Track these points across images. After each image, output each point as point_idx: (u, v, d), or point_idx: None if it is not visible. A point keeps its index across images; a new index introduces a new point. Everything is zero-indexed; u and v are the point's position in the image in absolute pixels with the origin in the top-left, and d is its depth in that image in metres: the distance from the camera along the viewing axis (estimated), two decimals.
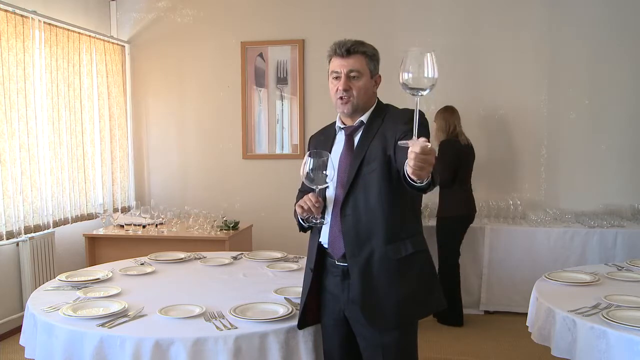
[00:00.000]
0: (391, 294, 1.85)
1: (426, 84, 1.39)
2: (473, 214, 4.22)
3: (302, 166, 1.82)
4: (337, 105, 1.94)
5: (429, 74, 1.37)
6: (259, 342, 1.90)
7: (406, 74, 1.38)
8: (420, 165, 1.43)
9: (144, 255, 3.06)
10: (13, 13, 3.95)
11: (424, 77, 1.38)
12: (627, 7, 4.61)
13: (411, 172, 1.46)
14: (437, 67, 1.38)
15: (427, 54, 1.38)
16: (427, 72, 1.37)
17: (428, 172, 1.46)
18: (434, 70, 1.38)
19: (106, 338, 1.88)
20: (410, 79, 1.38)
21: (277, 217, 5.04)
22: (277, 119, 5.22)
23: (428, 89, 1.39)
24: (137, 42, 5.43)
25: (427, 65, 1.38)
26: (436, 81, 1.39)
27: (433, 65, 1.38)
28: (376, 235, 1.86)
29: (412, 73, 1.38)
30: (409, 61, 1.38)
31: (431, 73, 1.37)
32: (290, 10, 5.12)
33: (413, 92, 1.39)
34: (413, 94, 1.40)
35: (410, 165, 1.44)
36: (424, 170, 1.45)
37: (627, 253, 4.07)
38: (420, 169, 1.44)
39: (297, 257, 2.98)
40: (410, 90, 1.39)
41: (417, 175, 1.47)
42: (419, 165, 1.43)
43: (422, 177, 1.48)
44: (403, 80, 1.38)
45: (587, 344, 1.99)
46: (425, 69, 1.38)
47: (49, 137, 4.32)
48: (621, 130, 4.68)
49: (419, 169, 1.44)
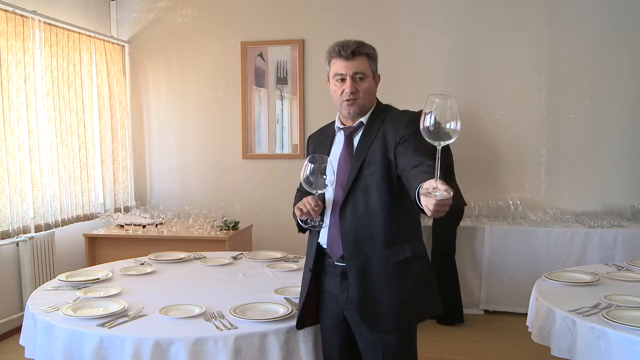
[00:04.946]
0: (389, 297, 1.85)
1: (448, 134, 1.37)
2: (464, 206, 4.24)
3: (302, 170, 1.82)
4: (343, 107, 1.93)
5: (451, 126, 1.36)
6: (259, 342, 1.90)
7: (428, 121, 1.35)
8: (439, 210, 1.42)
9: (144, 255, 3.06)
10: (13, 13, 3.95)
11: (447, 128, 1.35)
12: (627, 7, 4.61)
13: (430, 215, 1.45)
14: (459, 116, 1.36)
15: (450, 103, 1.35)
16: (450, 124, 1.35)
17: (445, 212, 1.44)
18: (457, 122, 1.35)
19: (106, 338, 1.88)
20: (432, 127, 1.36)
21: (277, 217, 5.04)
22: (277, 119, 5.22)
23: (452, 139, 1.37)
24: (137, 42, 5.43)
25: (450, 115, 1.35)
26: (458, 132, 1.36)
27: (456, 115, 1.35)
28: (375, 238, 1.86)
29: (434, 124, 1.35)
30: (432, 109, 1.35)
31: (454, 125, 1.35)
32: (290, 10, 5.12)
33: (434, 142, 1.38)
34: (435, 144, 1.38)
35: (429, 209, 1.42)
36: (441, 213, 1.43)
37: (627, 253, 4.07)
38: (438, 212, 1.42)
39: (297, 257, 2.98)
40: (431, 140, 1.37)
41: (436, 216, 1.45)
42: (438, 210, 1.41)
43: (441, 216, 1.47)
44: (424, 127, 1.36)
45: (587, 344, 1.99)
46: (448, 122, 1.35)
47: (49, 137, 4.32)
48: (621, 130, 4.68)
49: (437, 212, 1.42)
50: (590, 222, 4.33)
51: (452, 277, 4.16)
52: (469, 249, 4.44)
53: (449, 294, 4.08)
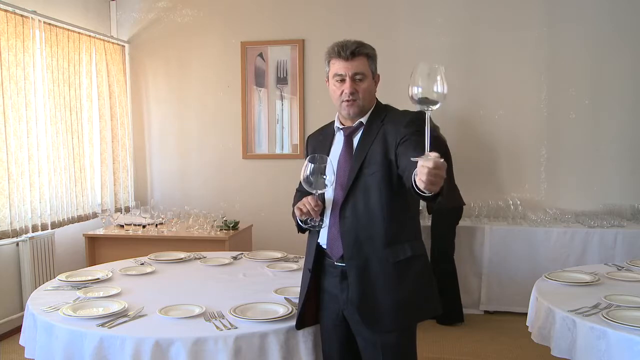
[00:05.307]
0: (388, 296, 1.85)
1: (436, 98, 1.38)
2: (463, 205, 4.24)
3: (302, 170, 1.83)
4: (342, 107, 1.93)
5: (438, 89, 1.37)
6: (259, 342, 1.90)
7: (415, 88, 1.38)
8: (432, 180, 1.43)
9: (144, 255, 3.06)
10: (13, 13, 3.95)
11: (434, 91, 1.37)
12: (627, 7, 4.61)
13: (423, 187, 1.46)
14: (447, 82, 1.38)
15: (437, 69, 1.37)
16: (436, 87, 1.37)
17: (440, 185, 1.46)
18: (444, 86, 1.37)
19: (106, 338, 1.88)
20: (419, 93, 1.37)
21: (277, 217, 5.04)
22: (277, 119, 5.22)
23: (439, 104, 1.39)
24: (137, 42, 5.43)
25: (437, 80, 1.37)
26: (446, 96, 1.38)
27: (442, 80, 1.37)
28: (375, 238, 1.86)
29: (421, 87, 1.37)
30: (418, 76, 1.37)
31: (440, 88, 1.37)
32: (290, 10, 5.12)
33: (423, 107, 1.39)
34: (423, 109, 1.40)
35: (422, 180, 1.44)
36: (435, 185, 1.44)
37: (627, 253, 4.07)
38: (432, 183, 1.43)
39: (297, 257, 2.98)
40: (420, 105, 1.39)
41: (429, 189, 1.46)
42: (431, 180, 1.42)
43: (434, 191, 1.48)
44: (412, 94, 1.38)
45: (587, 344, 1.99)
46: (434, 84, 1.37)
47: (49, 137, 4.32)
48: (621, 130, 4.68)
49: (430, 184, 1.43)
50: (590, 222, 4.33)
51: (451, 277, 4.16)
52: (468, 249, 4.44)
53: (449, 294, 4.08)
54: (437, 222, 4.18)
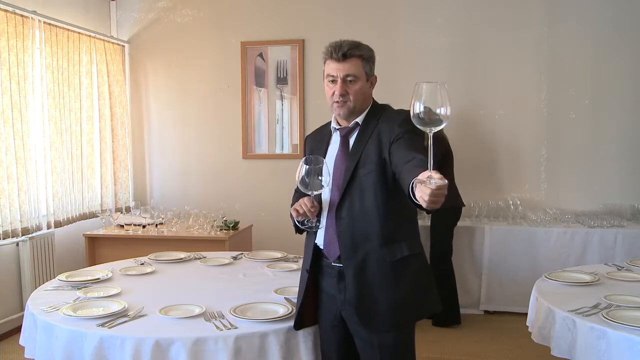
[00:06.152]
0: (386, 296, 1.85)
1: (439, 119, 1.35)
2: (462, 205, 4.23)
3: (298, 172, 1.83)
4: (334, 108, 1.94)
5: (441, 112, 1.34)
6: (259, 342, 1.90)
7: (417, 107, 1.34)
8: (435, 200, 1.40)
9: (144, 255, 3.06)
10: (13, 13, 3.95)
11: (436, 113, 1.34)
12: (627, 7, 4.61)
13: (425, 206, 1.44)
14: (449, 101, 1.34)
15: (439, 88, 1.34)
16: (440, 110, 1.34)
17: (441, 203, 1.43)
18: (447, 107, 1.34)
19: (106, 338, 1.88)
20: (422, 114, 1.34)
21: (277, 217, 5.03)
22: (277, 119, 5.22)
23: (444, 123, 1.36)
24: (137, 42, 5.43)
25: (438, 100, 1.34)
26: (449, 117, 1.35)
27: (445, 100, 1.34)
28: (371, 238, 1.86)
29: (424, 109, 1.34)
30: (419, 96, 1.34)
31: (444, 111, 1.34)
32: (290, 10, 5.12)
33: (426, 128, 1.36)
34: (426, 130, 1.37)
35: (425, 200, 1.41)
36: (437, 204, 1.42)
37: (627, 253, 4.06)
38: (434, 203, 1.41)
39: (297, 257, 2.98)
40: (422, 127, 1.36)
41: (432, 207, 1.44)
42: (433, 200, 1.40)
43: (436, 208, 1.45)
44: (413, 115, 1.35)
45: (587, 344, 1.99)
46: (438, 107, 1.34)
47: (49, 137, 4.32)
48: (621, 130, 4.68)
49: (432, 203, 1.41)
50: (590, 222, 4.33)
51: (449, 278, 4.15)
52: (468, 249, 4.44)
53: (446, 295, 4.07)
54: (435, 223, 4.17)
